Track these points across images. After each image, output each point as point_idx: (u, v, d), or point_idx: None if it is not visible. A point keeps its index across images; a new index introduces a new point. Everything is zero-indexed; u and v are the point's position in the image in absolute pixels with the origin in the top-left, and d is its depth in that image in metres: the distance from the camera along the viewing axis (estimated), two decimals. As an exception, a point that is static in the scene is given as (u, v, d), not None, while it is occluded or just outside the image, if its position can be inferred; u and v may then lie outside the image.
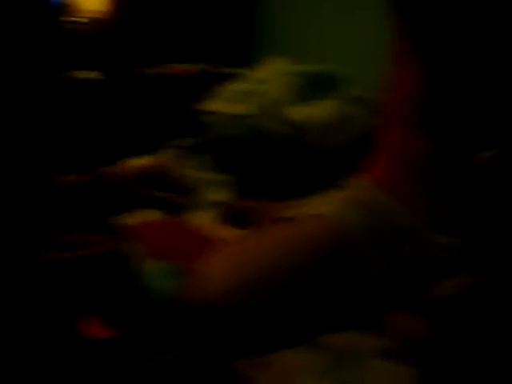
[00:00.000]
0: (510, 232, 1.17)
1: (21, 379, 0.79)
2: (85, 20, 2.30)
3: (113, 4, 2.43)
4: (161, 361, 0.93)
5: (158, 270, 1.19)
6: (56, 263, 0.96)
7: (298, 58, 2.13)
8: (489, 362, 0.92)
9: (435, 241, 1.19)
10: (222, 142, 1.74)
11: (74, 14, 2.35)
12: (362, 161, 1.37)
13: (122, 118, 2.03)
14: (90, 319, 0.97)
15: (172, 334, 0.98)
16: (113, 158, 1.81)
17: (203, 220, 1.54)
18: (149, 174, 1.14)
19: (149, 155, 1.83)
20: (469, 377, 0.90)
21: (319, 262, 1.12)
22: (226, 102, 1.75)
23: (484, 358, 0.92)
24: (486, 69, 1.19)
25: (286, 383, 0.93)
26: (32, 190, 1.09)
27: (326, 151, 1.67)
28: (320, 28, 2.46)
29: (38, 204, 1.11)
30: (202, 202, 1.64)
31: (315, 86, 1.81)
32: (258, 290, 1.04)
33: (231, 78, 1.98)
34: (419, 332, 1.05)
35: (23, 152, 1.04)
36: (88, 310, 0.99)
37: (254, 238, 1.17)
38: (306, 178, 1.65)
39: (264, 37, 2.72)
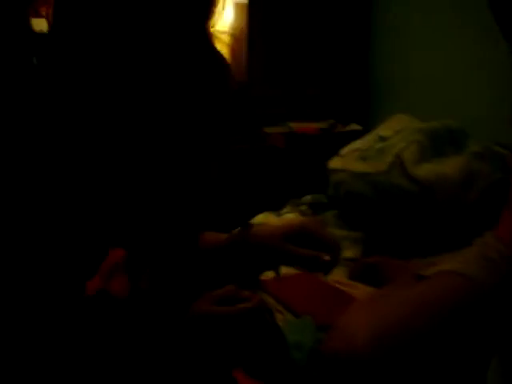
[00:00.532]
0: None
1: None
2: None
3: (234, 68, 2.56)
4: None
5: (296, 324, 1.24)
6: (210, 317, 1.01)
7: (419, 114, 2.16)
8: None
9: None
10: (350, 198, 1.79)
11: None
12: (493, 217, 1.38)
13: (248, 176, 2.12)
14: (238, 373, 1.02)
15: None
16: (244, 215, 1.89)
17: (336, 276, 1.58)
18: (295, 231, 1.19)
19: (277, 212, 1.90)
20: None
21: (453, 319, 1.14)
22: (354, 160, 1.79)
23: None
24: None
25: None
26: (180, 246, 1.16)
27: (455, 208, 1.68)
28: (441, 82, 2.47)
29: (186, 260, 1.17)
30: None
31: (440, 143, 1.82)
32: (399, 343, 1.06)
33: (354, 135, 2.03)
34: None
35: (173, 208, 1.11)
36: (236, 363, 1.04)
37: (393, 295, 1.20)
38: (436, 235, 1.66)
39: (380, 91, 2.75)
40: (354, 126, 2.46)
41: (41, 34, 1.20)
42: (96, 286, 0.89)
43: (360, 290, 1.47)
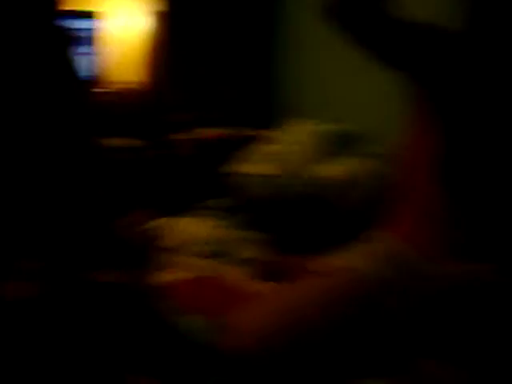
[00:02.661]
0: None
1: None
2: (119, 90, 2.43)
3: (145, 75, 2.57)
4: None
5: (194, 323, 1.27)
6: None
7: (319, 119, 2.23)
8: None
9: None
10: (252, 202, 1.83)
11: (107, 85, 2.49)
12: (381, 214, 1.45)
13: (155, 182, 2.12)
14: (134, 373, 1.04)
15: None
16: (148, 219, 1.90)
17: (238, 276, 1.62)
18: None
19: (178, 217, 1.92)
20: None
21: (347, 313, 1.19)
22: (255, 164, 1.84)
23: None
24: (500, 128, 1.27)
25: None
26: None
27: (346, 206, 1.75)
28: (338, 88, 2.55)
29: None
30: (236, 260, 1.72)
31: (337, 145, 1.90)
32: (290, 338, 1.11)
33: (257, 141, 2.08)
34: (446, 378, 1.10)
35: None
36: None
37: (287, 291, 1.24)
38: (330, 232, 1.72)
39: (281, 99, 2.81)
40: (257, 132, 2.51)
41: None
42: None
43: (261, 289, 1.51)
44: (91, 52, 2.48)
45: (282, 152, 1.85)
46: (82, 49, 2.45)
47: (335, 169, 1.76)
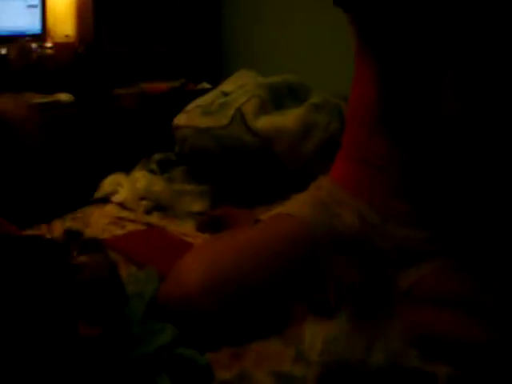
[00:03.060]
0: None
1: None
2: (59, 45, 2.38)
3: (84, 29, 2.51)
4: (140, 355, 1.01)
5: (138, 275, 1.27)
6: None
7: (263, 69, 2.22)
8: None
9: (401, 234, 1.29)
10: (195, 154, 1.83)
11: (48, 40, 2.43)
12: (327, 163, 1.47)
13: (99, 138, 2.10)
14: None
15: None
16: (96, 176, 1.89)
17: (182, 229, 1.63)
18: None
19: (128, 172, 1.92)
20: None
21: (288, 258, 1.22)
22: (197, 116, 1.83)
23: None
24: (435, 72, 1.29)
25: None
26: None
27: (294, 157, 1.76)
28: (283, 38, 2.54)
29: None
30: (180, 212, 1.73)
31: (281, 96, 1.90)
32: (232, 285, 1.12)
33: (204, 92, 2.07)
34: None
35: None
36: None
37: (228, 238, 1.26)
38: (276, 184, 1.74)
39: (230, 51, 2.79)
40: (205, 85, 2.48)
41: None
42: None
43: (201, 239, 1.53)
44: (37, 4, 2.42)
45: (223, 104, 1.84)
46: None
47: (280, 121, 1.76)
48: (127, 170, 1.96)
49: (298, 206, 1.33)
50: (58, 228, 1.57)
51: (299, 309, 1.18)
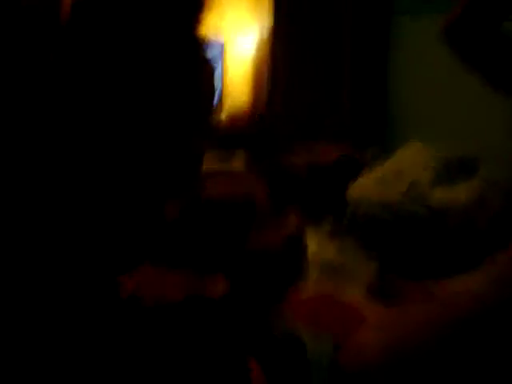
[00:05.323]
0: None
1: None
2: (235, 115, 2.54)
3: (258, 98, 2.66)
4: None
5: (316, 340, 1.32)
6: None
7: (432, 141, 2.24)
8: None
9: None
10: (368, 222, 1.87)
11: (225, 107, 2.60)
12: (503, 241, 1.45)
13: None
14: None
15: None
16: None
17: (353, 295, 1.66)
18: None
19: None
20: None
21: (463, 337, 1.22)
22: (372, 185, 1.88)
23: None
24: None
25: None
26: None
27: (467, 233, 1.76)
28: (451, 109, 2.55)
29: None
30: (352, 280, 1.77)
31: (455, 170, 1.91)
32: (409, 361, 1.15)
33: (371, 163, 2.12)
34: None
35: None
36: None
37: (404, 313, 1.27)
38: (448, 258, 1.74)
39: (397, 121, 2.83)
40: (372, 154, 2.53)
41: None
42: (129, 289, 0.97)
43: (374, 308, 1.55)
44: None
45: (397, 175, 1.88)
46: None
47: (454, 195, 1.78)
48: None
49: (476, 282, 1.33)
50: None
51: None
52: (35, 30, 0.98)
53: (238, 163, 2.31)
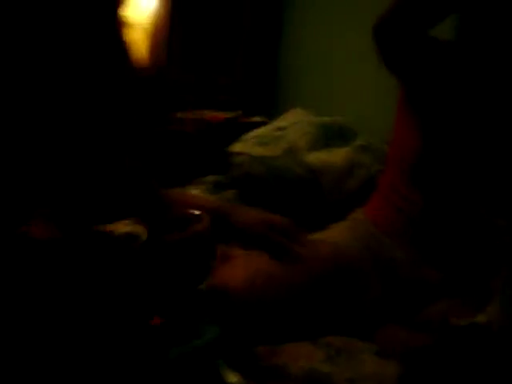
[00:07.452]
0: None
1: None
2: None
3: (158, 53, 2.70)
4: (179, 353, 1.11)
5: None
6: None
7: (317, 109, 2.36)
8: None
9: (420, 273, 1.44)
10: (249, 179, 1.99)
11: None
12: (365, 200, 1.62)
13: (157, 156, 2.26)
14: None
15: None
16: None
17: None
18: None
19: (183, 189, 2.07)
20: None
21: (328, 276, 1.36)
22: (253, 145, 2.00)
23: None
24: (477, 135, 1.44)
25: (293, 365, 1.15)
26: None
27: (338, 192, 1.91)
28: (336, 81, 2.66)
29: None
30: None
31: (330, 136, 2.05)
32: (273, 291, 1.27)
33: (257, 125, 2.24)
34: (411, 343, 1.27)
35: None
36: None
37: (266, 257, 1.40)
38: (320, 213, 1.88)
39: (285, 89, 2.92)
40: (258, 118, 2.65)
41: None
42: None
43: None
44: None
45: (278, 136, 2.00)
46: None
47: (332, 156, 1.92)
48: (182, 186, 2.11)
49: (334, 233, 1.49)
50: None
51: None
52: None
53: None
